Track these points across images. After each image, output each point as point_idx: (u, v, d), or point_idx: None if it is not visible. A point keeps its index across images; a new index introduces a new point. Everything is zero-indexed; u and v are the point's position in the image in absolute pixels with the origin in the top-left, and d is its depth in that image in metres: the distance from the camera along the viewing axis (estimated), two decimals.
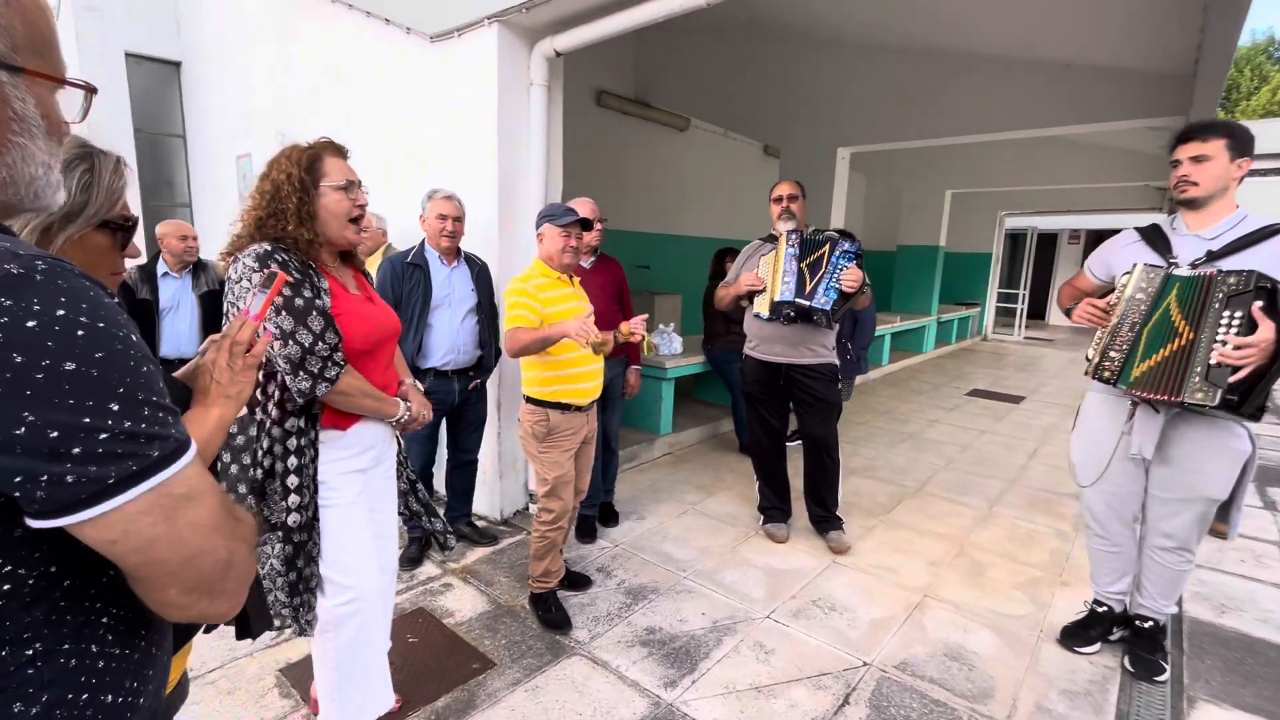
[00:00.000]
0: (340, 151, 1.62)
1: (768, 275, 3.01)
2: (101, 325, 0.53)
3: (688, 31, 6.23)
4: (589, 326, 2.07)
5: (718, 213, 8.38)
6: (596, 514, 3.27)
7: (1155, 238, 2.08)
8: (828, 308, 2.81)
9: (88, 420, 0.52)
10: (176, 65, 6.37)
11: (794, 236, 2.94)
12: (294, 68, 4.43)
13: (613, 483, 3.41)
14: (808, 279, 2.87)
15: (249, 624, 1.05)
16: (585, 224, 2.36)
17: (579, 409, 2.40)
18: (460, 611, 2.54)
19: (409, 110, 3.50)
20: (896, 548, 3.19)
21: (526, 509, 3.50)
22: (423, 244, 2.80)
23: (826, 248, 2.88)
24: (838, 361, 3.17)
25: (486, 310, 2.86)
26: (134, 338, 0.57)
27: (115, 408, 0.53)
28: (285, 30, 4.49)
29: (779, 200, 3.11)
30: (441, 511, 3.03)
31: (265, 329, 1.06)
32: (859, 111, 6.03)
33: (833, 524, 3.27)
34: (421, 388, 1.92)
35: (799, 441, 3.37)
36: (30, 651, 0.56)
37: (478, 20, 2.99)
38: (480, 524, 3.25)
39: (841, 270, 2.83)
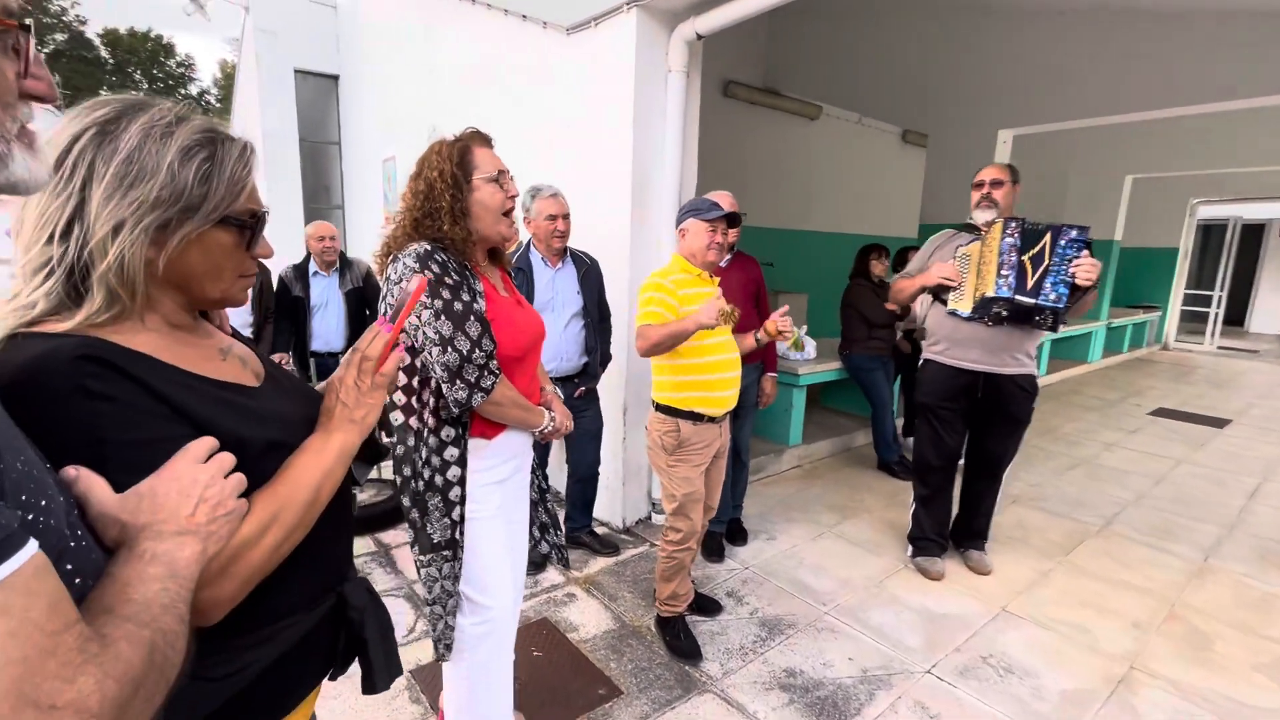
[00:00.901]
0: (487, 141, 1.53)
1: (970, 267, 2.62)
2: None
3: (825, 14, 5.79)
4: (718, 303, 1.90)
5: (849, 206, 7.80)
6: (724, 531, 3.05)
7: None
8: (1061, 304, 2.42)
9: None
10: (335, 78, 6.91)
11: (1014, 225, 2.53)
12: (436, 72, 4.59)
13: (741, 497, 3.17)
14: (1029, 272, 2.48)
15: (372, 675, 0.95)
16: (733, 219, 2.14)
17: (712, 420, 2.18)
18: (585, 626, 2.43)
19: (545, 107, 3.46)
20: (1084, 600, 2.67)
21: (649, 518, 3.35)
22: (528, 245, 2.66)
23: (1049, 237, 2.48)
24: (1038, 372, 2.72)
25: (593, 313, 2.71)
26: None
27: None
28: (430, 36, 4.66)
29: (978, 186, 2.67)
30: (561, 518, 3.01)
31: (399, 344, 0.94)
32: (1025, 88, 5.29)
33: (976, 543, 2.89)
34: (562, 395, 1.80)
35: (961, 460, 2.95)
36: None
37: (616, 6, 2.86)
38: (601, 532, 3.15)
39: (1069, 261, 2.42)
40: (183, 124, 0.75)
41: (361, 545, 2.93)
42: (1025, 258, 2.50)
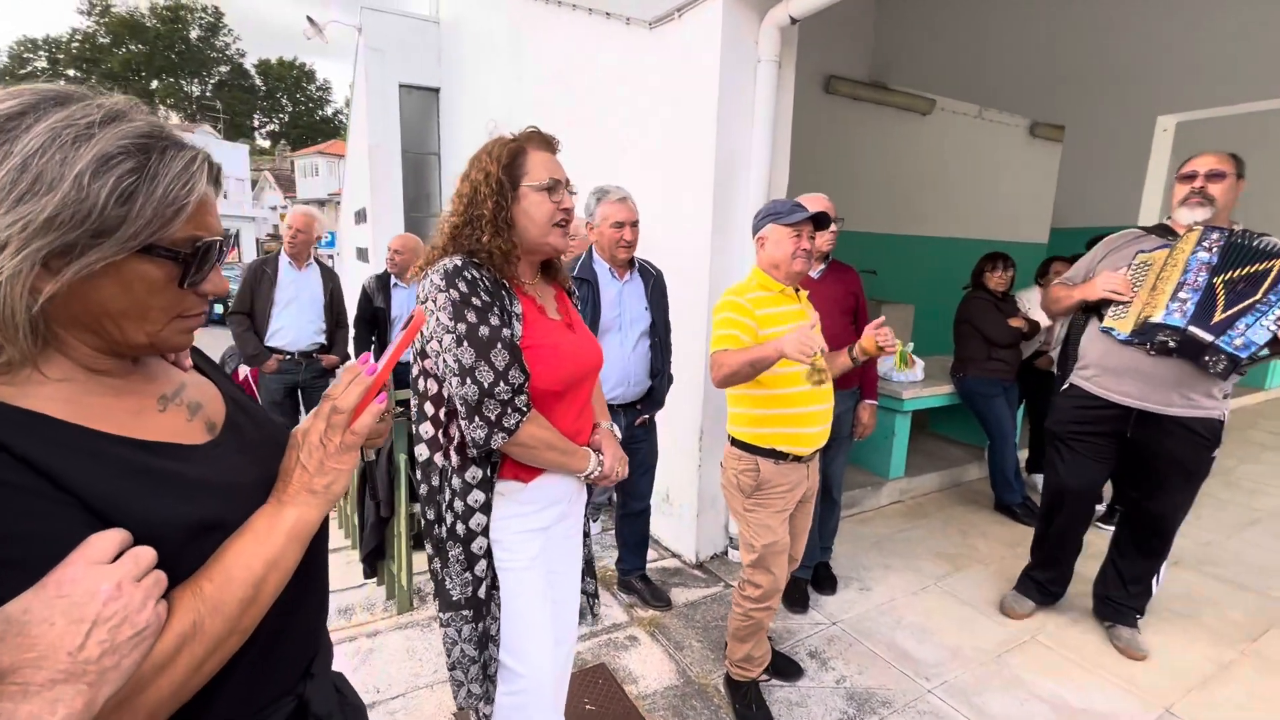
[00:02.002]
0: (548, 144, 1.33)
1: (1146, 280, 2.13)
2: None
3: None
4: (811, 338, 1.55)
5: (966, 208, 7.06)
6: (810, 577, 2.69)
7: None
8: (1243, 354, 1.88)
9: None
10: (436, 91, 7.16)
11: (1215, 235, 2.01)
12: (524, 78, 4.56)
13: (831, 538, 2.80)
14: (1219, 302, 1.94)
15: None
16: (820, 221, 1.82)
17: (798, 459, 1.87)
18: (645, 679, 2.18)
19: (627, 108, 3.27)
20: None
21: (726, 553, 3.05)
22: (590, 254, 2.40)
23: (1277, 267, 1.91)
24: (1225, 415, 2.15)
25: (661, 330, 2.44)
26: None
27: None
28: (519, 43, 4.64)
29: (1189, 178, 2.12)
30: (614, 561, 2.73)
31: (384, 391, 0.74)
32: (1191, 65, 4.48)
33: (1126, 616, 2.36)
34: (619, 434, 1.57)
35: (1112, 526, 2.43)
36: None
37: None
38: (670, 565, 2.89)
39: None
40: (111, 126, 0.58)
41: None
42: (1219, 280, 1.96)
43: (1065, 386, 2.42)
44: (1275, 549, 3.24)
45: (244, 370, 3.71)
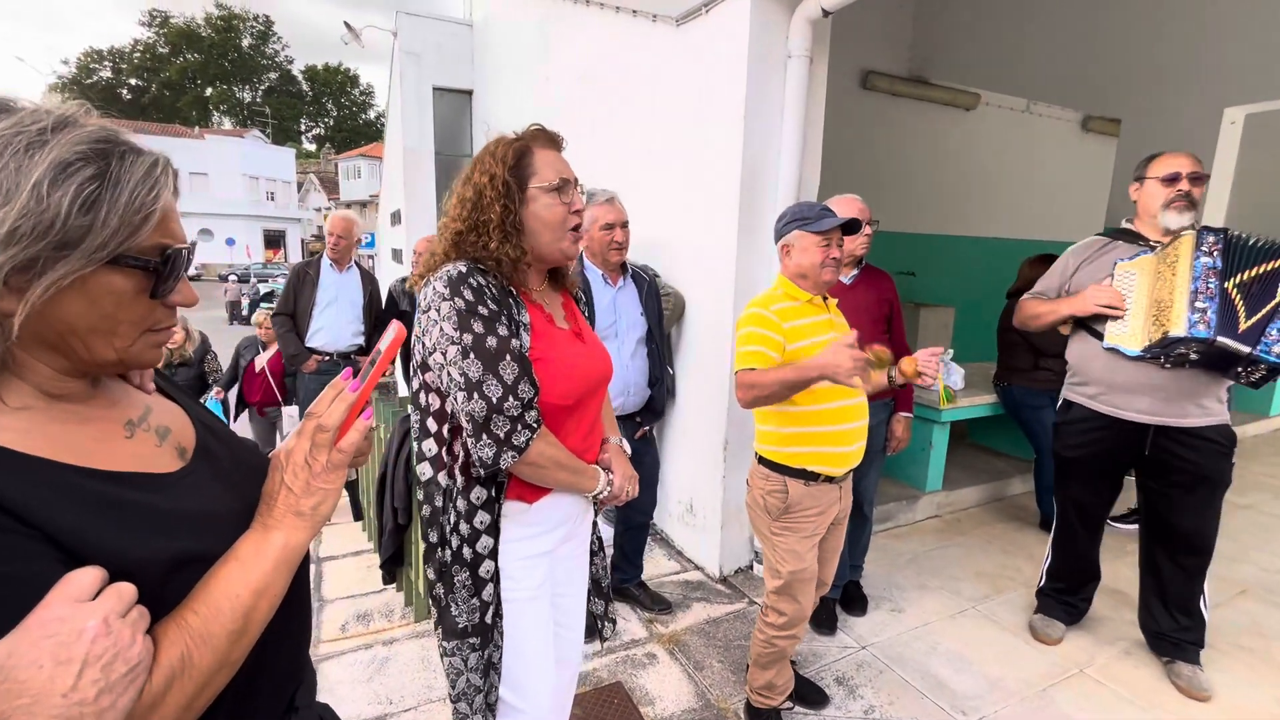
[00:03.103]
0: (554, 141, 1.26)
1: (1136, 291, 2.02)
2: None
3: None
4: (855, 356, 1.44)
5: (1012, 207, 6.76)
6: (839, 597, 2.57)
7: None
8: None
9: None
10: (469, 94, 7.20)
11: (1212, 238, 1.89)
12: (552, 79, 4.52)
13: (862, 556, 2.67)
14: (1239, 309, 1.81)
15: None
16: (850, 226, 1.71)
17: (830, 480, 1.76)
18: (662, 700, 2.10)
19: (653, 108, 3.19)
20: None
21: (751, 568, 2.94)
22: (580, 260, 2.32)
23: None
24: (1229, 421, 2.08)
25: (658, 337, 2.36)
26: None
27: None
28: (547, 44, 4.60)
29: (1173, 180, 2.03)
30: (609, 564, 2.66)
31: (369, 406, 0.69)
32: (1260, 52, 4.16)
33: (1186, 652, 2.19)
34: (629, 449, 1.50)
35: (1135, 525, 2.39)
36: None
37: None
38: (693, 579, 2.80)
39: None
40: (64, 131, 0.54)
41: None
42: (1230, 284, 1.84)
43: (1062, 404, 2.35)
44: None
45: (260, 362, 3.77)
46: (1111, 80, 4.98)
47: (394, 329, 0.76)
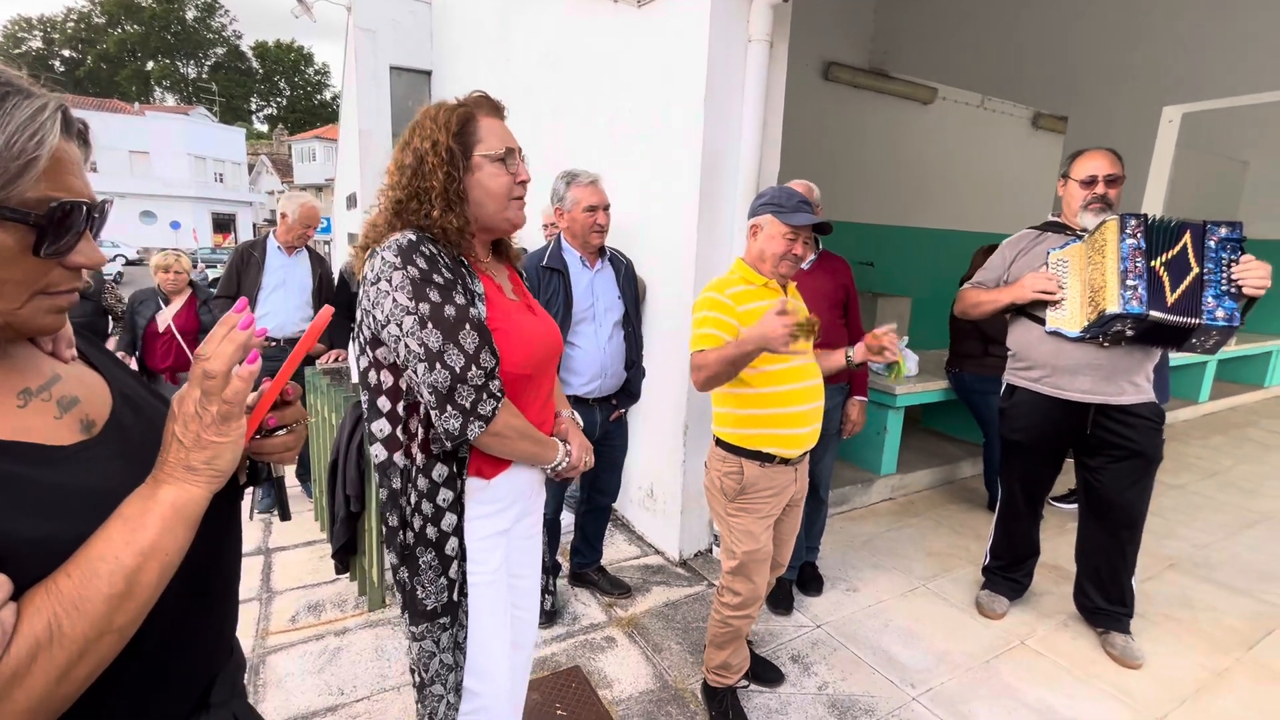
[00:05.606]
0: (497, 109, 1.23)
1: (1071, 276, 2.13)
2: None
3: None
4: (785, 321, 1.45)
5: (967, 199, 6.96)
6: (795, 578, 2.62)
7: None
8: (1236, 323, 1.90)
9: None
10: (427, 74, 6.99)
11: (1134, 222, 2.00)
12: (513, 60, 4.42)
13: (818, 538, 2.72)
14: (1166, 283, 1.94)
15: None
16: (822, 228, 1.72)
17: (785, 461, 1.78)
18: (620, 682, 2.11)
19: (614, 91, 3.15)
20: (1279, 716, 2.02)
21: (710, 550, 2.97)
22: (558, 242, 2.29)
23: (1188, 237, 1.96)
24: (1156, 398, 2.22)
25: (635, 320, 2.36)
26: None
27: None
28: (506, 26, 4.50)
29: (1090, 183, 2.16)
30: (568, 547, 2.68)
31: (289, 389, 0.65)
32: (1199, 54, 4.35)
33: (1119, 623, 2.32)
34: (581, 421, 1.48)
35: (1074, 505, 2.55)
36: None
37: None
38: (654, 563, 2.81)
39: (1227, 265, 1.91)
40: None
41: None
42: (1157, 263, 1.97)
43: (1005, 389, 2.44)
44: (1273, 553, 3.17)
45: (164, 319, 3.38)
46: (1059, 78, 5.15)
47: (324, 310, 0.72)
